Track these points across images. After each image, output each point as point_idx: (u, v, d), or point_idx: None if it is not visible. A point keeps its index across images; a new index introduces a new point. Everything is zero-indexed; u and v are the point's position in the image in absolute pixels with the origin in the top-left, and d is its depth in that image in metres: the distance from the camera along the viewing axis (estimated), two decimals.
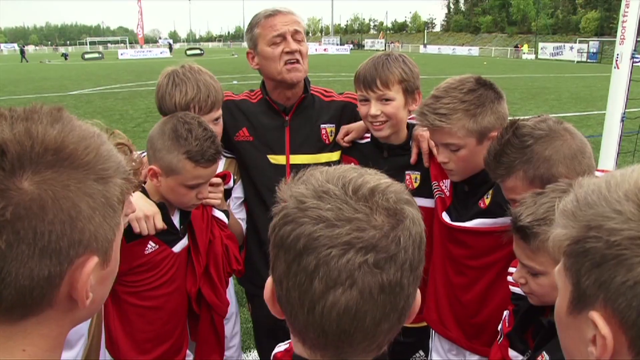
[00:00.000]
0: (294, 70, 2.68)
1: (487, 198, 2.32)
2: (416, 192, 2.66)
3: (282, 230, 0.92)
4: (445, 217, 2.46)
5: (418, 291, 0.98)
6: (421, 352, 2.87)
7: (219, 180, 2.52)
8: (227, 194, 2.66)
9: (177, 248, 2.39)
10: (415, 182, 2.64)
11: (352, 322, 0.89)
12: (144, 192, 2.29)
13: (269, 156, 2.79)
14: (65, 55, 68.12)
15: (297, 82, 2.73)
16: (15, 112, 0.87)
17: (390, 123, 2.56)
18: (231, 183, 2.64)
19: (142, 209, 2.18)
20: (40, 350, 0.89)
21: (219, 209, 2.57)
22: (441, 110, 2.18)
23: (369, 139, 2.75)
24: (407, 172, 2.65)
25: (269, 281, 1.00)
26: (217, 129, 2.57)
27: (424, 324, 2.79)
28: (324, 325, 0.90)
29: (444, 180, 2.51)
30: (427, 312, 2.67)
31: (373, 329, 0.91)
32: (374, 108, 2.52)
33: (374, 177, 0.95)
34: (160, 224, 2.23)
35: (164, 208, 2.30)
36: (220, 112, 2.62)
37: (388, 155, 2.67)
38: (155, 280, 2.32)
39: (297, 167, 2.84)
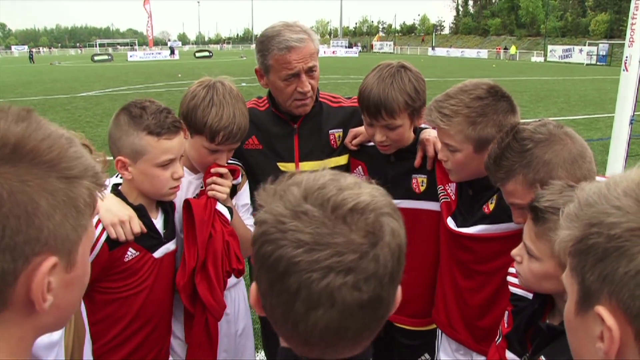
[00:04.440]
0: (302, 106, 2.69)
1: (491, 203, 2.31)
2: (423, 196, 2.68)
3: (262, 249, 0.93)
4: (450, 222, 2.46)
5: (399, 288, 1.00)
6: (427, 355, 2.87)
7: (225, 170, 2.46)
8: (233, 191, 2.58)
9: (158, 254, 2.30)
10: (422, 185, 2.64)
11: (335, 337, 0.93)
12: (120, 195, 2.22)
13: (278, 164, 2.78)
14: (30, 57, 68.11)
15: (304, 114, 2.75)
16: None
17: (395, 145, 2.58)
18: (239, 179, 2.59)
19: (117, 214, 2.11)
20: (0, 352, 0.86)
21: (223, 204, 2.45)
22: (445, 111, 2.18)
23: None
24: (414, 175, 2.65)
25: (254, 287, 1.02)
26: (229, 155, 2.53)
27: (431, 327, 2.80)
28: (307, 339, 0.94)
29: (449, 184, 2.51)
30: (436, 314, 2.68)
31: (355, 338, 0.95)
32: (379, 135, 2.52)
33: (354, 192, 0.94)
34: (137, 227, 2.14)
35: (143, 210, 2.22)
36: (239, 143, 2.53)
37: (395, 159, 2.66)
38: (134, 287, 2.23)
39: None
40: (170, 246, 2.36)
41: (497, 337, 2.07)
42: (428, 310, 2.77)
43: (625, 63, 4.85)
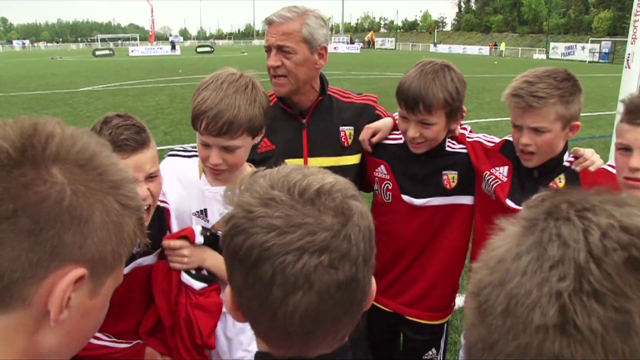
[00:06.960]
0: (276, 85, 2.61)
1: (560, 182, 2.35)
2: (454, 191, 2.66)
3: (233, 242, 0.92)
4: (510, 203, 2.41)
5: (373, 279, 1.01)
6: (433, 350, 2.87)
7: (175, 244, 2.15)
8: (216, 239, 2.29)
9: (129, 268, 2.08)
10: (453, 181, 2.62)
11: (315, 322, 0.91)
12: None
13: (287, 160, 2.62)
14: None
15: (283, 96, 2.64)
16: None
17: (427, 144, 2.52)
18: (200, 239, 2.18)
19: None
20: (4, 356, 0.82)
21: (189, 275, 2.17)
22: (539, 93, 2.23)
23: (401, 140, 2.67)
24: (444, 172, 2.62)
25: (228, 290, 1.01)
26: (232, 158, 2.13)
27: (441, 321, 2.83)
28: (288, 328, 0.92)
29: (496, 168, 2.50)
30: None
31: (336, 324, 0.94)
32: (413, 130, 2.46)
33: (317, 177, 0.96)
34: None
35: None
36: (239, 143, 2.10)
37: (425, 157, 2.60)
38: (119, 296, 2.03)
39: None
40: (143, 260, 2.17)
41: None
42: (443, 303, 2.79)
43: (628, 60, 4.83)
